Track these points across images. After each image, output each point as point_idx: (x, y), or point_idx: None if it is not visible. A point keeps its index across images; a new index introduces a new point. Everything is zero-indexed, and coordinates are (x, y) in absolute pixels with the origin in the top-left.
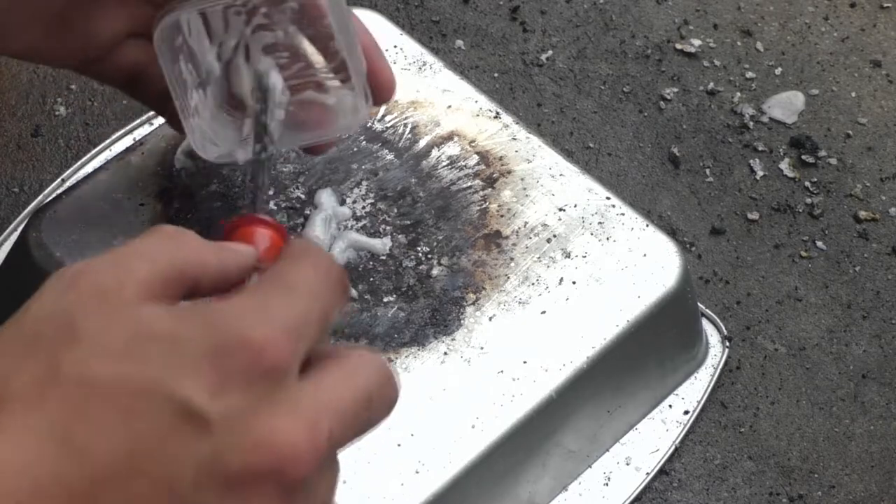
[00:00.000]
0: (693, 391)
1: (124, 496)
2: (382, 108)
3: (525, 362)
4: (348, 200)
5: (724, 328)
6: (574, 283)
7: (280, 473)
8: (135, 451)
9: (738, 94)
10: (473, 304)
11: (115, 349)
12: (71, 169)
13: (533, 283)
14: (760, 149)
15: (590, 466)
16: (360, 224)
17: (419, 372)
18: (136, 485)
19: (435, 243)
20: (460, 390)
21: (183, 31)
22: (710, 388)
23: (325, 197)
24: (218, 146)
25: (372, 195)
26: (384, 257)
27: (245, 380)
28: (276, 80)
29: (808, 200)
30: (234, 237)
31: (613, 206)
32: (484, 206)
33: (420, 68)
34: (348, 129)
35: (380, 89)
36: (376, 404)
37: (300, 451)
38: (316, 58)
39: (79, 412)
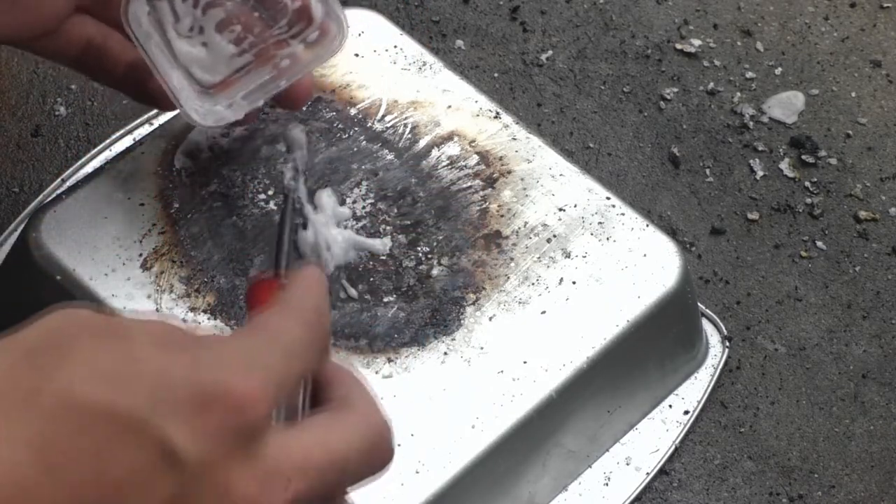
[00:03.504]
0: (693, 391)
1: None
2: (382, 108)
3: (525, 362)
4: (348, 200)
5: (724, 328)
6: (574, 283)
7: None
8: (106, 480)
9: (738, 94)
10: (473, 304)
11: (106, 375)
12: (71, 169)
13: (533, 283)
14: (760, 149)
15: (590, 466)
16: (360, 224)
17: (419, 372)
18: None
19: (435, 243)
20: (460, 390)
21: (142, 19)
22: (710, 388)
23: (325, 197)
24: (209, 116)
25: (372, 195)
26: (384, 257)
27: (222, 432)
28: (300, 157)
29: (808, 200)
30: (255, 299)
31: (613, 206)
32: (484, 206)
33: (420, 68)
34: (329, 55)
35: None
36: (353, 468)
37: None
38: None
39: (59, 432)
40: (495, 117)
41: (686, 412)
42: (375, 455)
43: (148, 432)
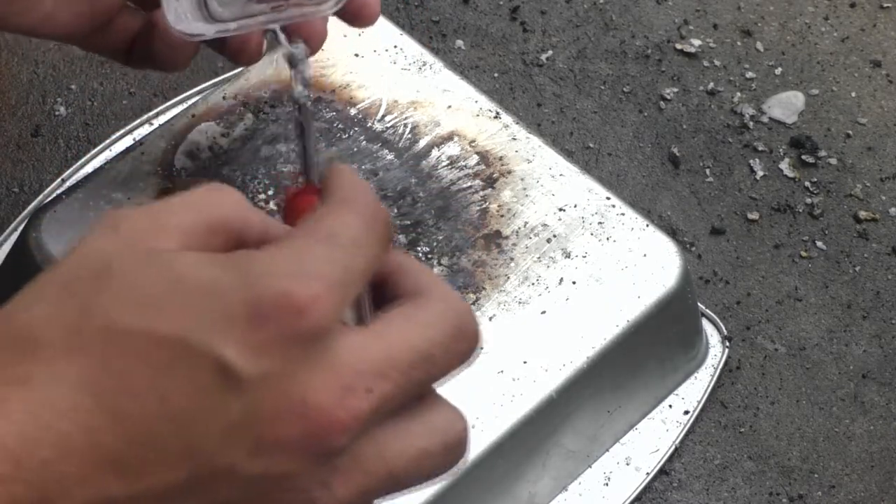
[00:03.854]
0: (693, 391)
1: (154, 456)
2: (382, 108)
3: (525, 362)
4: None
5: (724, 328)
6: (574, 283)
7: (312, 443)
8: (169, 411)
9: (738, 94)
10: (473, 304)
11: (149, 298)
12: (71, 169)
13: (533, 283)
14: (760, 149)
15: (590, 466)
16: None
17: None
18: (165, 444)
19: (435, 243)
20: (460, 390)
21: None
22: (710, 388)
23: None
24: (188, 23)
25: None
26: None
27: (283, 341)
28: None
29: (808, 200)
30: (296, 210)
31: (613, 206)
32: (484, 206)
33: (420, 68)
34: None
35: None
36: (439, 361)
37: (333, 421)
38: None
39: (108, 365)
40: (495, 117)
41: (686, 412)
42: (462, 343)
43: (199, 353)
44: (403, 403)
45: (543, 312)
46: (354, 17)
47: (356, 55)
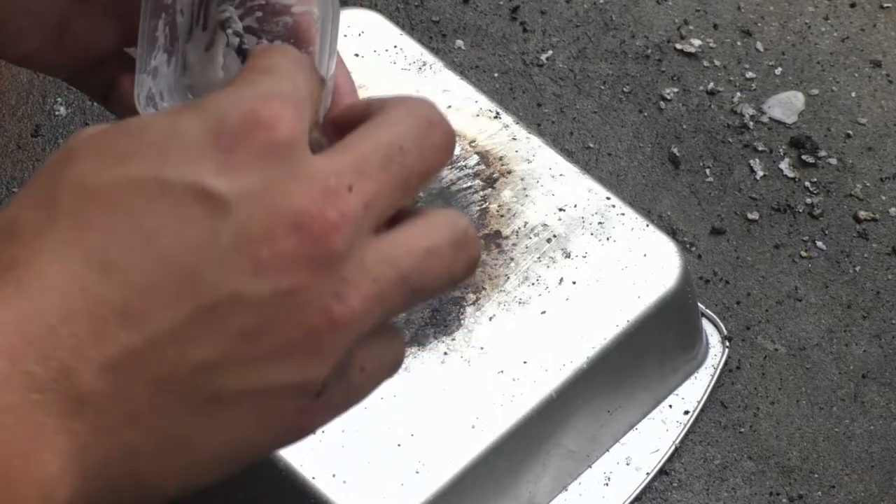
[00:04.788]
0: (693, 391)
1: (154, 298)
2: None
3: (525, 362)
4: None
5: (724, 328)
6: (574, 283)
7: (309, 250)
8: (154, 250)
9: (738, 94)
10: (473, 304)
11: (115, 152)
12: None
13: (533, 283)
14: (760, 149)
15: (590, 466)
16: None
17: (419, 372)
18: (162, 283)
19: None
20: (460, 390)
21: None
22: (710, 388)
23: None
24: (160, 103)
25: None
26: None
27: (258, 156)
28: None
29: (808, 200)
30: None
31: (613, 206)
32: (484, 206)
33: (420, 68)
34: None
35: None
36: (413, 151)
37: (324, 223)
38: None
39: (87, 222)
40: (495, 117)
41: (686, 412)
42: (434, 132)
43: (176, 186)
44: (392, 202)
45: (543, 312)
46: None
47: (356, 55)
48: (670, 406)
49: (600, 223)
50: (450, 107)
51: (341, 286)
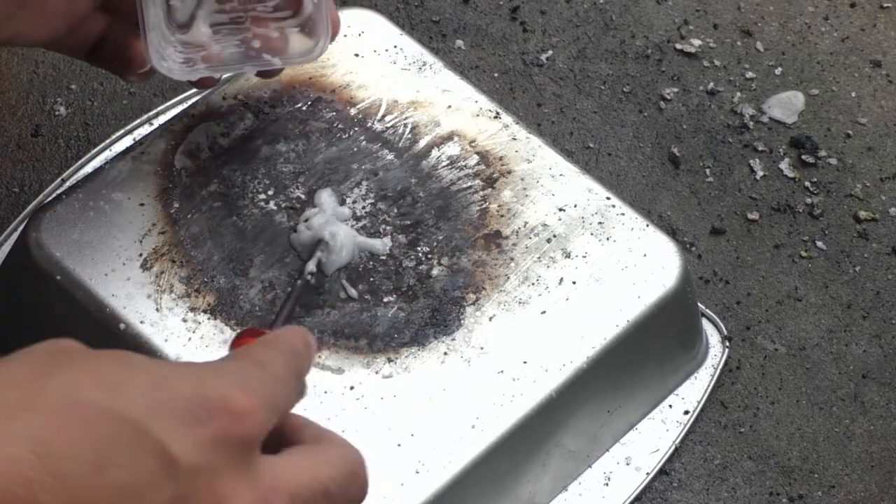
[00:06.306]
0: (693, 391)
1: None
2: (382, 108)
3: (525, 362)
4: (348, 200)
5: (724, 328)
6: (574, 283)
7: None
8: (107, 482)
9: (738, 94)
10: (473, 304)
11: (107, 381)
12: (71, 169)
13: (533, 283)
14: (760, 149)
15: (590, 466)
16: (360, 224)
17: (419, 372)
18: None
19: (435, 243)
20: (460, 390)
21: None
22: (710, 388)
23: (325, 197)
24: (166, 63)
25: (372, 195)
26: (384, 257)
27: (220, 441)
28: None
29: (808, 200)
30: (239, 343)
31: (613, 206)
32: (484, 206)
33: (420, 68)
34: (302, 62)
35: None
36: (335, 497)
37: None
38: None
39: (61, 431)
40: (495, 117)
41: (686, 412)
42: (354, 486)
43: (148, 437)
44: None
45: (543, 312)
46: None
47: (356, 55)
48: (670, 406)
49: (600, 223)
50: (450, 107)
51: None
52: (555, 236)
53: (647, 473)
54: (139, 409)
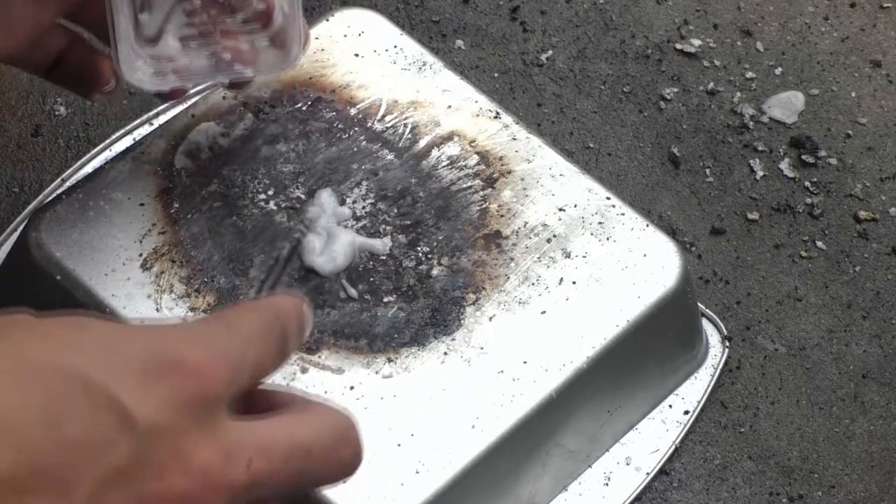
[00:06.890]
0: (693, 391)
1: (41, 480)
2: (382, 108)
3: (525, 362)
4: (348, 200)
5: (724, 328)
6: (574, 283)
7: (190, 498)
8: (59, 440)
9: (738, 94)
10: (473, 304)
11: (57, 340)
12: (71, 169)
13: (533, 283)
14: (760, 149)
15: (590, 466)
16: (360, 224)
17: (419, 372)
18: (53, 469)
19: (435, 243)
20: (460, 390)
21: None
22: (710, 388)
23: (325, 197)
24: (136, 74)
25: (372, 195)
26: (384, 257)
27: (179, 396)
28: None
29: (808, 200)
30: None
31: (613, 206)
32: (484, 206)
33: (420, 68)
34: (273, 74)
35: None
36: (318, 458)
37: (213, 483)
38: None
39: (9, 390)
40: (495, 117)
41: (686, 412)
42: (342, 450)
43: (102, 393)
44: (277, 488)
45: (543, 312)
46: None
47: (356, 55)
48: (670, 406)
49: (600, 223)
50: (450, 107)
51: None
52: (555, 236)
53: (647, 473)
54: (91, 365)
